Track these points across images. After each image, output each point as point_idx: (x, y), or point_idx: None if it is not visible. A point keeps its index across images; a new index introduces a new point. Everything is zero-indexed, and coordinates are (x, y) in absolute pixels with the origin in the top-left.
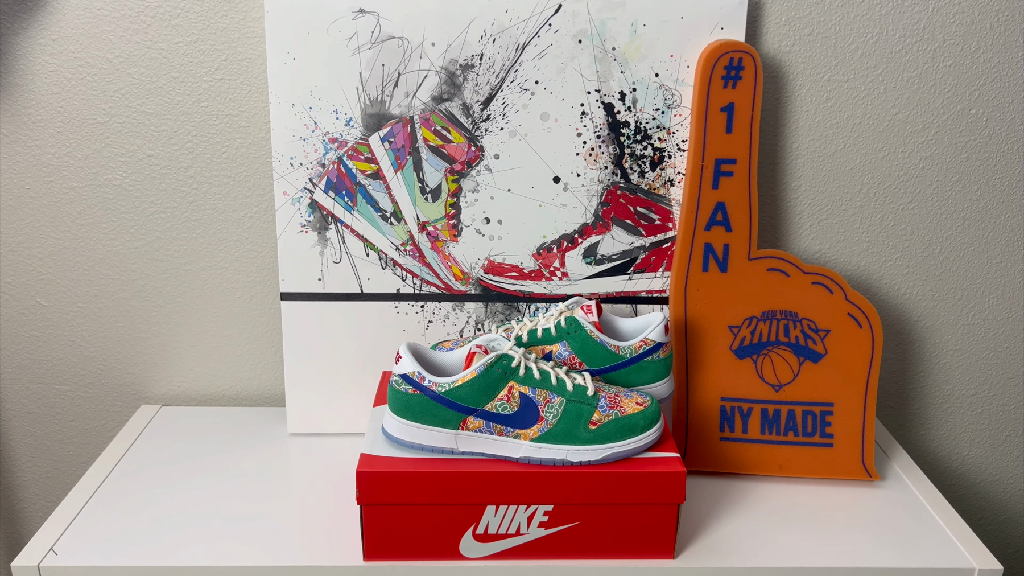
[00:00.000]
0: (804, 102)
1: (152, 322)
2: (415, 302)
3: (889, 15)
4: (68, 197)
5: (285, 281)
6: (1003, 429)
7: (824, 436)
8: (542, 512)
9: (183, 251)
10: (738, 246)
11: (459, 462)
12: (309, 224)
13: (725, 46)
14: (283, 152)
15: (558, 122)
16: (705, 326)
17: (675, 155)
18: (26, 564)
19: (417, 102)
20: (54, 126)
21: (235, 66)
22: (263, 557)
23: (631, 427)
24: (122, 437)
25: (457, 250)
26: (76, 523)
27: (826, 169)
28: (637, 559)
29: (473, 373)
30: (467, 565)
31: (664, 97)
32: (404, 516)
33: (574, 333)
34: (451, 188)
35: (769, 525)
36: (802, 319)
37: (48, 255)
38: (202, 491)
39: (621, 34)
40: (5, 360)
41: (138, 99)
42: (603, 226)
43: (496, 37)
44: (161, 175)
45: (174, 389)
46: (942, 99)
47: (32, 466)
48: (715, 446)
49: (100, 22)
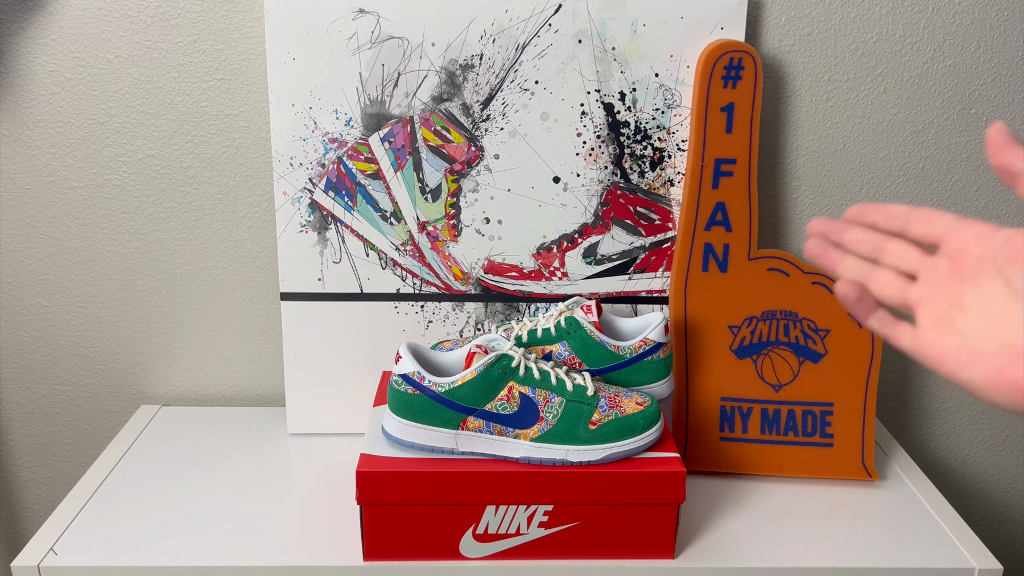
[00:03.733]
0: (804, 102)
1: (152, 322)
2: (415, 302)
3: (889, 15)
4: (68, 197)
5: (285, 281)
6: (1003, 429)
7: (824, 436)
8: (542, 512)
9: (183, 251)
10: (738, 246)
11: (459, 462)
12: (309, 224)
13: (725, 46)
14: (283, 152)
15: (558, 122)
16: (705, 326)
17: (675, 155)
18: (26, 564)
19: (417, 102)
20: (54, 126)
21: (235, 66)
22: (263, 557)
23: (631, 427)
24: (122, 437)
25: (457, 250)
26: (76, 523)
27: (826, 169)
28: (637, 559)
29: (473, 373)
30: (467, 565)
31: (664, 97)
32: (404, 516)
33: (574, 333)
34: (451, 188)
35: (769, 525)
36: (802, 319)
37: (48, 255)
38: (202, 491)
39: (621, 34)
40: (5, 360)
41: (138, 99)
42: (603, 226)
43: (496, 37)
44: (161, 175)
45: (174, 389)
46: (942, 99)
47: (32, 466)
48: (715, 446)
49: (100, 22)
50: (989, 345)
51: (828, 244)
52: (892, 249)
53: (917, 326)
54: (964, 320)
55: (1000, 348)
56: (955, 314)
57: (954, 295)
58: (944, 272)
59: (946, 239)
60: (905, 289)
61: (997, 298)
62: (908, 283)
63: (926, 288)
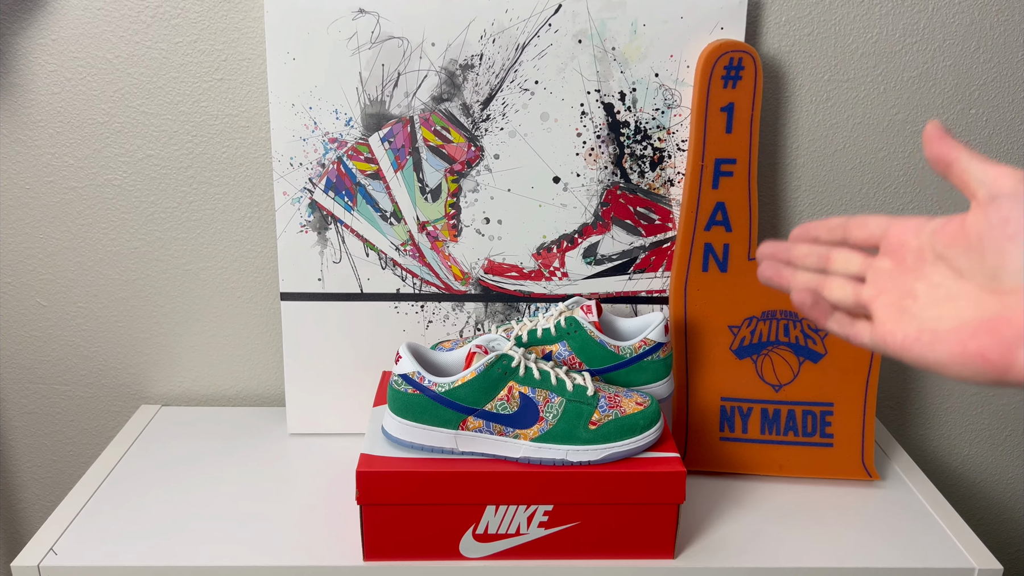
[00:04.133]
0: (804, 102)
1: (152, 322)
2: (415, 302)
3: (889, 15)
4: (68, 197)
5: (285, 281)
6: (1003, 429)
7: (824, 436)
8: (542, 512)
9: (183, 251)
10: (738, 246)
11: (459, 462)
12: (309, 224)
13: (725, 46)
14: (283, 152)
15: (558, 122)
16: (705, 326)
17: (675, 155)
18: (26, 564)
19: (417, 102)
20: (54, 126)
21: (235, 66)
22: (263, 557)
23: (631, 427)
24: (122, 437)
25: (457, 250)
26: (76, 523)
27: (826, 169)
28: (637, 559)
29: (473, 373)
30: (467, 565)
31: (664, 97)
32: (404, 516)
33: (574, 333)
34: (451, 188)
35: (769, 525)
36: (802, 319)
37: (48, 255)
38: (202, 491)
39: (621, 34)
40: (5, 360)
41: (138, 99)
42: (603, 226)
43: (496, 37)
44: (161, 175)
45: (174, 389)
46: (942, 99)
47: (32, 466)
48: (715, 446)
49: (100, 22)
50: (947, 324)
51: (778, 264)
52: (837, 257)
53: (874, 320)
54: (918, 306)
55: (958, 324)
56: (908, 303)
57: (903, 286)
58: (889, 269)
59: (884, 239)
60: (856, 291)
61: (944, 280)
62: (858, 285)
63: (875, 285)
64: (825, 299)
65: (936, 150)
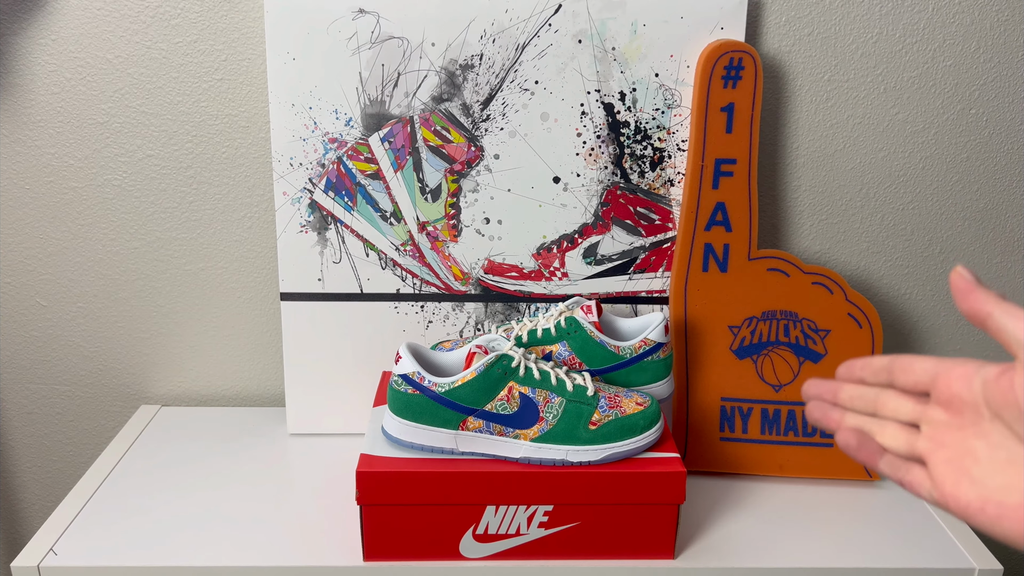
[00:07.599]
0: (804, 102)
1: (152, 322)
2: (415, 302)
3: (889, 15)
4: (68, 197)
5: (285, 281)
6: None
7: (824, 436)
8: (542, 512)
9: (183, 251)
10: (738, 246)
11: (459, 462)
12: (309, 224)
13: (725, 46)
14: (283, 152)
15: (558, 122)
16: (705, 326)
17: (675, 155)
18: (26, 564)
19: (417, 102)
20: (54, 126)
21: (235, 66)
22: (263, 557)
23: (631, 427)
24: (122, 437)
25: (457, 250)
26: (76, 523)
27: (826, 169)
28: (637, 559)
29: (473, 373)
30: (467, 565)
31: (664, 97)
32: (404, 516)
33: (574, 333)
34: (451, 188)
35: (769, 525)
36: (802, 319)
37: (48, 255)
38: (202, 491)
39: (621, 34)
40: (5, 360)
41: (138, 99)
42: (603, 226)
43: (496, 37)
44: (161, 175)
45: (174, 389)
46: (942, 99)
47: (32, 466)
48: (715, 446)
49: (100, 22)
50: (1012, 496)
51: (826, 406)
52: (887, 403)
53: (933, 477)
54: (979, 468)
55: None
56: (968, 462)
57: (961, 443)
58: (944, 421)
59: (934, 387)
60: (910, 440)
61: (1004, 440)
62: (912, 432)
63: (932, 439)
64: (872, 440)
65: (969, 306)
